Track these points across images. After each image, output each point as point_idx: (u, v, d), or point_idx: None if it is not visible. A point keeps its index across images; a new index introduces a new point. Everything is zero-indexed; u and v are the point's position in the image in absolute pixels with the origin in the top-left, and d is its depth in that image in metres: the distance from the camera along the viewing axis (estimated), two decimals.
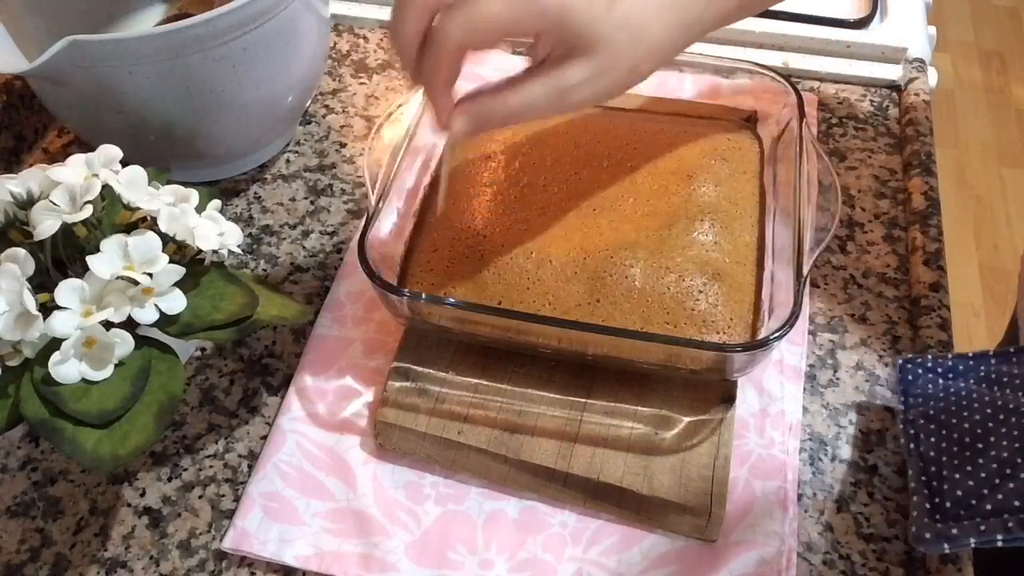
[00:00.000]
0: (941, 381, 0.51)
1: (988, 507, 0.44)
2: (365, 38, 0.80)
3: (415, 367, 0.54)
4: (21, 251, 0.44)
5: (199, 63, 0.56)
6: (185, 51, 0.55)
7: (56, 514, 0.51)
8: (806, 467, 0.52)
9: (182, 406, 0.56)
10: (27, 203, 0.46)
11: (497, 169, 0.57)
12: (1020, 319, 0.68)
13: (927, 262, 0.60)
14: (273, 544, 0.49)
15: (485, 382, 0.53)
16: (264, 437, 0.54)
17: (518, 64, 0.69)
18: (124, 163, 0.49)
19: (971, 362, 0.51)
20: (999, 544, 0.44)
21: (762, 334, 0.50)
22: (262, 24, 0.57)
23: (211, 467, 0.53)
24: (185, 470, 0.53)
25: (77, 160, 0.48)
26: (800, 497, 0.51)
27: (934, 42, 0.80)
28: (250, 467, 0.53)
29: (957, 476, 0.46)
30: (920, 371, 0.52)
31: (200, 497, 0.52)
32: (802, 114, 0.56)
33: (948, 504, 0.46)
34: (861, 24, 0.76)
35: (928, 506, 0.47)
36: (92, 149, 0.49)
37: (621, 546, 0.49)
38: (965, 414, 0.48)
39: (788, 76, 0.59)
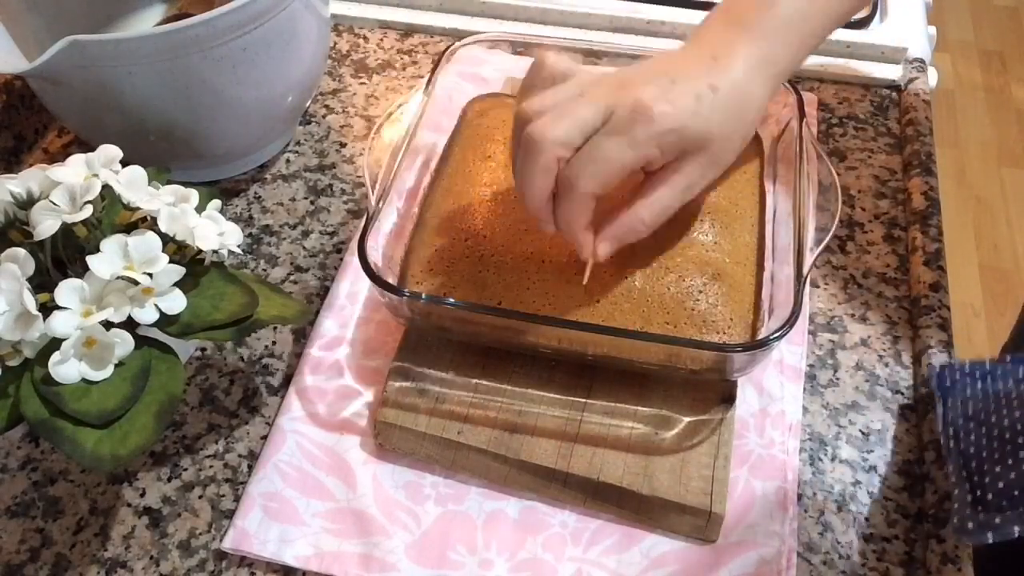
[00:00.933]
0: (980, 384, 0.52)
1: None
2: (365, 38, 0.80)
3: (415, 367, 0.54)
4: (21, 251, 0.44)
5: (199, 63, 0.56)
6: (185, 51, 0.55)
7: (56, 514, 0.51)
8: (806, 467, 0.52)
9: (182, 406, 0.56)
10: (27, 203, 0.46)
11: (497, 169, 0.57)
12: None
13: (927, 262, 0.60)
14: (273, 544, 0.49)
15: (485, 382, 0.53)
16: (264, 437, 0.54)
17: (518, 63, 0.69)
18: (124, 163, 0.49)
19: (1010, 365, 0.51)
20: None
21: (762, 334, 0.50)
22: (262, 24, 0.57)
23: (211, 467, 0.53)
24: (185, 470, 0.53)
25: (77, 160, 0.48)
26: (800, 497, 0.51)
27: (934, 42, 0.80)
28: (250, 467, 0.53)
29: (998, 470, 0.47)
30: (958, 375, 0.53)
31: (200, 497, 0.52)
32: (802, 114, 0.56)
33: (990, 496, 0.46)
34: (861, 24, 0.76)
35: (970, 499, 0.47)
36: (92, 149, 0.49)
37: (621, 546, 0.49)
38: (1005, 412, 0.49)
39: None
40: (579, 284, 0.51)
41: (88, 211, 0.45)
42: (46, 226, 0.44)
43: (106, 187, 0.47)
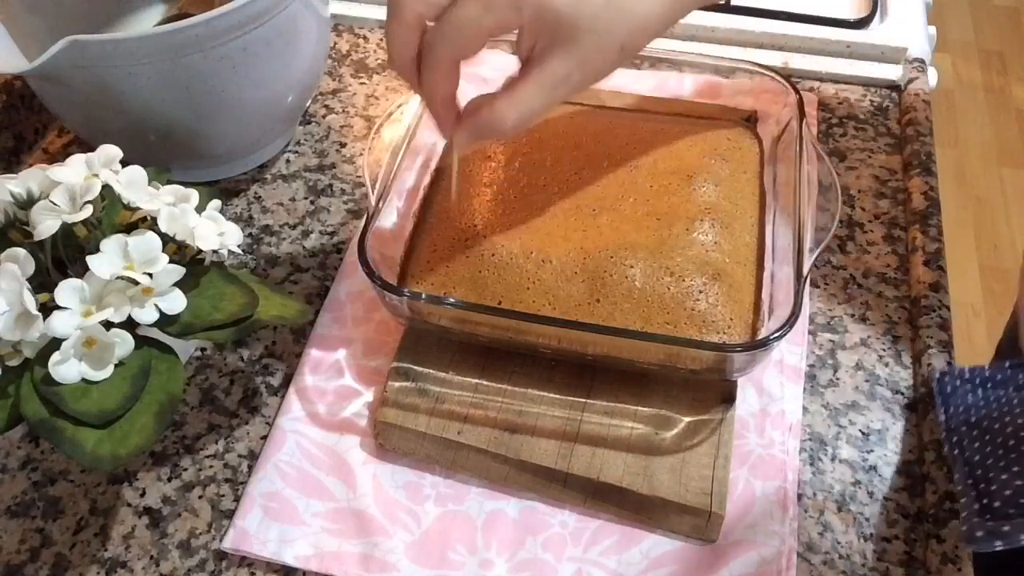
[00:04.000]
0: (980, 391, 0.52)
1: None
2: (365, 38, 0.80)
3: (415, 367, 0.54)
4: (21, 251, 0.44)
5: (199, 63, 0.56)
6: (185, 51, 0.55)
7: (56, 514, 0.51)
8: (806, 467, 0.52)
9: (182, 406, 0.56)
10: (27, 203, 0.46)
11: (497, 169, 0.57)
12: (1021, 313, 0.68)
13: (927, 262, 0.60)
14: (273, 544, 0.49)
15: (485, 382, 0.53)
16: (264, 437, 0.54)
17: (518, 63, 0.69)
18: (124, 163, 0.49)
19: (1009, 371, 0.52)
20: None
21: (762, 334, 0.50)
22: (262, 24, 0.57)
23: (211, 467, 0.53)
24: (185, 470, 0.53)
25: (77, 160, 0.48)
26: (800, 497, 0.51)
27: (934, 42, 0.80)
28: (250, 467, 0.53)
29: (1004, 477, 0.47)
30: (958, 382, 0.53)
31: (200, 497, 0.52)
32: (802, 114, 0.56)
33: (998, 504, 0.46)
34: (861, 24, 0.76)
35: (977, 506, 0.47)
36: (92, 149, 0.49)
37: (621, 546, 0.49)
38: (1008, 419, 0.49)
39: (788, 76, 0.59)
40: (579, 284, 0.51)
41: (88, 211, 0.45)
42: (46, 226, 0.44)
43: (106, 187, 0.47)
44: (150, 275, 0.44)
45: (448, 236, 0.54)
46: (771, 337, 0.46)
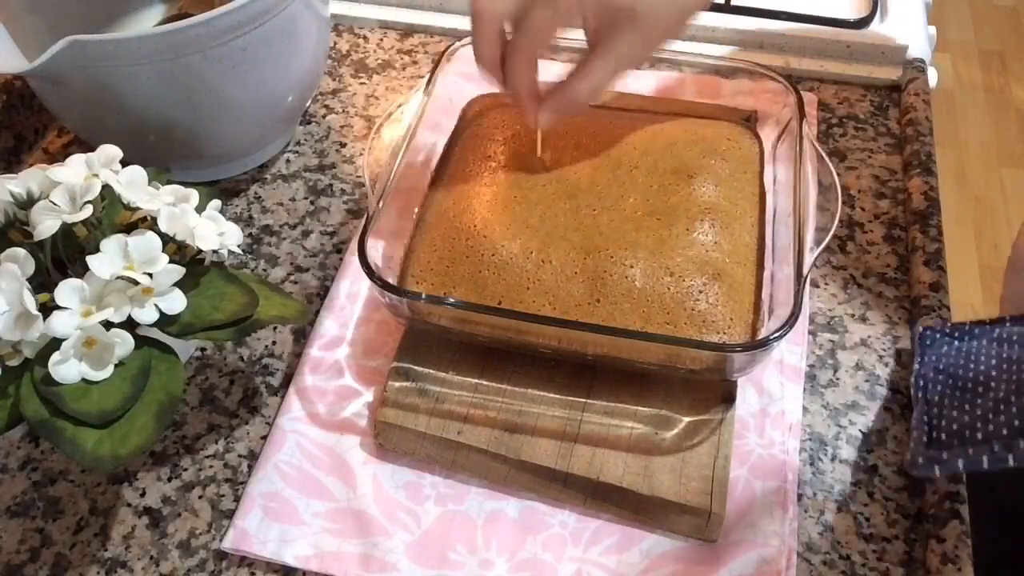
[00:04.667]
0: (956, 343, 0.53)
1: (979, 436, 0.47)
2: (365, 38, 0.80)
3: (415, 367, 0.54)
4: (21, 251, 0.44)
5: (199, 63, 0.56)
6: (185, 51, 0.55)
7: (56, 514, 0.51)
8: (806, 467, 0.52)
9: (182, 406, 0.56)
10: (27, 203, 0.46)
11: (497, 170, 0.57)
12: (1005, 302, 0.69)
13: (927, 262, 0.60)
14: (273, 544, 0.49)
15: (485, 382, 0.53)
16: (264, 437, 0.54)
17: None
18: (124, 163, 0.49)
19: (988, 326, 0.53)
20: (984, 466, 0.47)
21: (762, 334, 0.50)
22: (262, 24, 0.57)
23: (211, 467, 0.53)
24: (185, 470, 0.53)
25: (77, 160, 0.48)
26: (800, 497, 0.51)
27: (934, 42, 0.80)
28: (250, 467, 0.53)
29: (955, 414, 0.49)
30: (938, 336, 0.54)
31: (200, 497, 0.52)
32: (802, 114, 0.56)
33: (943, 436, 0.49)
34: (861, 24, 0.76)
35: (925, 440, 0.49)
36: (92, 149, 0.49)
37: (621, 546, 0.49)
38: (972, 366, 0.51)
39: (788, 76, 0.59)
40: (579, 284, 0.51)
41: (88, 211, 0.45)
42: (46, 226, 0.44)
43: (106, 187, 0.47)
44: (150, 275, 0.44)
45: (448, 236, 0.54)
46: (771, 337, 0.46)
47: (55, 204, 0.45)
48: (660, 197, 0.55)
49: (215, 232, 0.49)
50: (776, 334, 0.46)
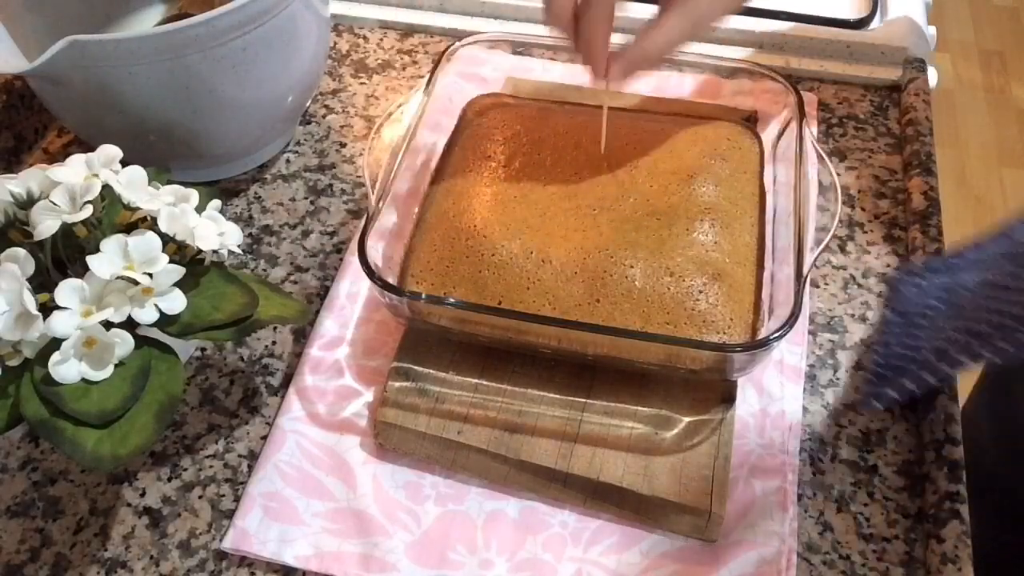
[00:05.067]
0: (923, 282, 0.54)
1: (913, 366, 0.49)
2: (365, 38, 0.80)
3: (415, 367, 0.54)
4: (21, 251, 0.44)
5: (199, 63, 0.56)
6: (185, 51, 0.55)
7: (56, 514, 0.51)
8: (806, 467, 0.52)
9: (182, 406, 0.56)
10: (27, 203, 0.46)
11: (497, 169, 0.57)
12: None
13: None
14: (273, 544, 0.49)
15: (485, 382, 0.53)
16: (264, 437, 0.54)
17: (518, 63, 0.70)
18: (124, 163, 0.49)
19: (958, 260, 0.54)
20: (917, 393, 0.50)
21: (762, 334, 0.50)
22: (262, 24, 0.57)
23: (211, 467, 0.53)
24: (185, 470, 0.53)
25: (77, 160, 0.48)
26: (800, 497, 0.51)
27: (934, 42, 0.80)
28: (250, 467, 0.53)
29: (898, 349, 0.52)
30: (906, 275, 0.56)
31: (200, 497, 0.52)
32: (802, 114, 0.56)
33: (887, 372, 0.52)
34: (861, 24, 0.76)
35: (872, 378, 0.52)
36: (92, 149, 0.49)
37: (621, 546, 0.49)
38: (928, 300, 0.53)
39: (788, 76, 0.59)
40: (579, 284, 0.51)
41: (88, 211, 0.45)
42: (46, 226, 0.44)
43: (106, 187, 0.47)
44: (150, 275, 0.44)
45: (448, 236, 0.54)
46: (771, 337, 0.46)
47: (55, 204, 0.45)
48: (660, 197, 0.55)
49: (215, 232, 0.49)
50: (776, 334, 0.46)
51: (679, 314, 0.50)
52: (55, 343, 0.43)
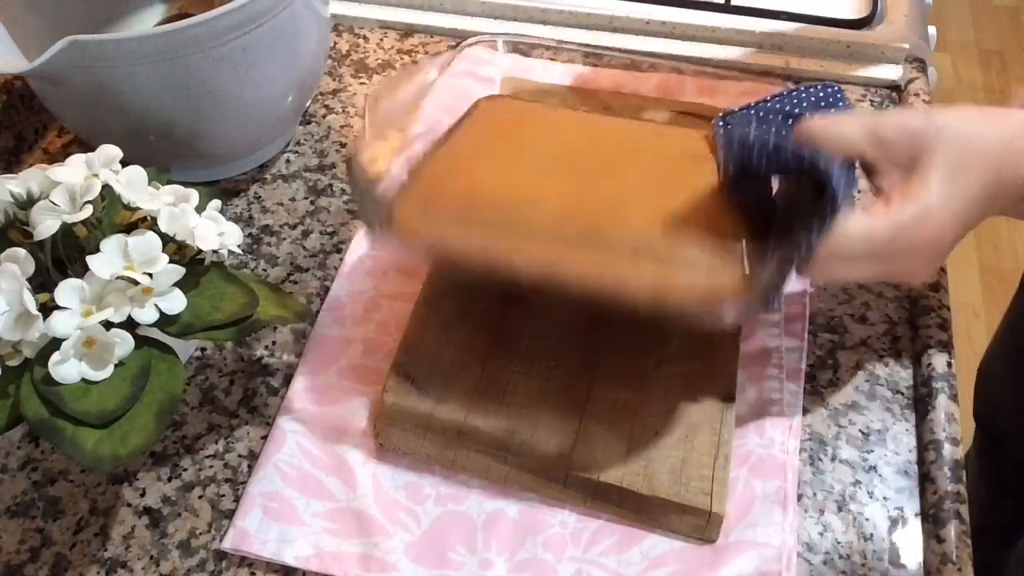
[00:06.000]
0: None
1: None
2: (365, 38, 0.81)
3: (415, 367, 0.54)
4: (21, 251, 0.44)
5: (199, 63, 0.56)
6: (185, 51, 0.55)
7: (56, 514, 0.51)
8: (806, 467, 0.52)
9: (182, 406, 0.56)
10: (27, 203, 0.46)
11: (499, 137, 0.56)
12: None
13: None
14: (273, 544, 0.49)
15: (485, 382, 0.53)
16: (264, 437, 0.54)
17: (517, 63, 0.69)
18: (124, 163, 0.49)
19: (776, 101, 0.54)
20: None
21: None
22: (262, 24, 0.57)
23: (211, 467, 0.53)
24: (185, 470, 0.53)
25: (77, 160, 0.48)
26: (800, 497, 0.51)
27: (934, 42, 0.80)
28: (250, 467, 0.53)
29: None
30: (733, 123, 0.55)
31: (200, 497, 0.52)
32: None
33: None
34: (861, 24, 0.76)
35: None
36: (92, 149, 0.49)
37: (621, 546, 0.49)
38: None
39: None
40: (572, 227, 0.49)
41: (88, 211, 0.45)
42: (46, 226, 0.44)
43: (106, 187, 0.47)
44: (150, 275, 0.44)
45: (440, 179, 0.53)
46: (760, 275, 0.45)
47: (55, 204, 0.45)
48: (665, 172, 0.54)
49: (215, 232, 0.49)
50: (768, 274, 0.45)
51: (670, 258, 0.48)
52: (55, 343, 0.43)
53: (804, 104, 0.53)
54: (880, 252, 0.45)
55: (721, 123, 0.55)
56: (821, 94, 0.53)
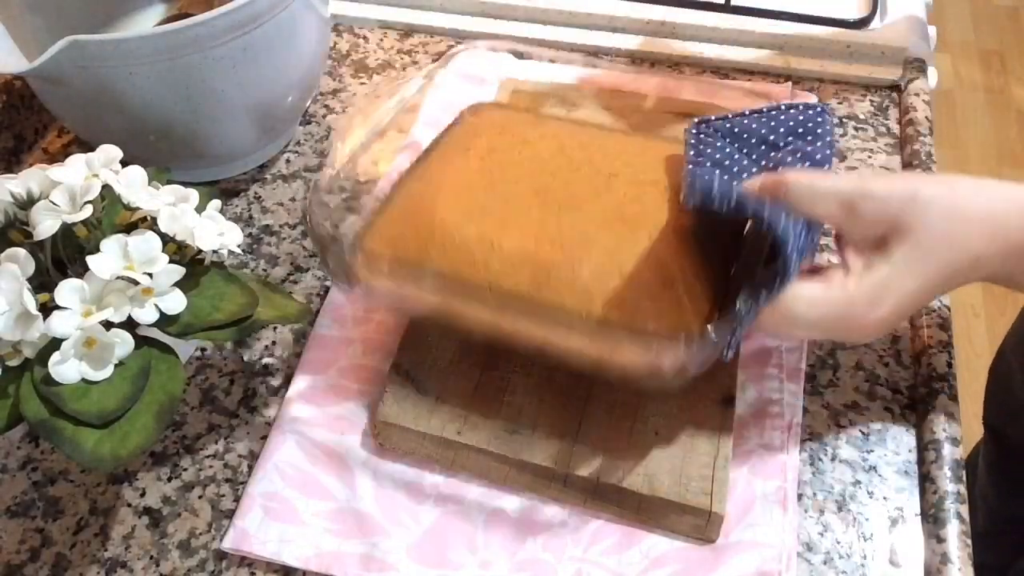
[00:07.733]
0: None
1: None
2: (365, 38, 0.81)
3: (415, 367, 0.54)
4: (21, 251, 0.44)
5: (199, 63, 0.56)
6: (185, 51, 0.55)
7: (56, 514, 0.51)
8: (806, 467, 0.52)
9: (182, 406, 0.56)
10: (27, 203, 0.46)
11: (473, 159, 0.55)
12: None
13: None
14: (273, 544, 0.49)
15: (485, 382, 0.53)
16: (264, 437, 0.54)
17: (517, 64, 0.69)
18: (124, 163, 0.49)
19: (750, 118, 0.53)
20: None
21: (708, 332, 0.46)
22: (262, 24, 0.57)
23: (211, 467, 0.53)
24: (185, 470, 0.53)
25: (77, 160, 0.48)
26: (800, 497, 0.51)
27: (934, 42, 0.80)
28: (250, 467, 0.53)
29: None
30: (710, 129, 0.54)
31: (200, 497, 0.52)
32: None
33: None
34: (861, 24, 0.76)
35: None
36: (92, 149, 0.49)
37: (621, 546, 0.49)
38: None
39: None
40: (525, 272, 0.49)
41: (88, 211, 0.45)
42: (46, 226, 0.44)
43: (106, 187, 0.47)
44: (150, 275, 0.44)
45: (407, 212, 0.52)
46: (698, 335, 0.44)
47: (55, 204, 0.45)
48: (632, 205, 0.52)
49: (215, 232, 0.49)
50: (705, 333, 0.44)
51: (620, 315, 0.47)
52: (55, 343, 0.43)
53: (782, 129, 0.51)
54: (828, 324, 0.45)
55: (694, 130, 0.54)
56: (801, 117, 0.51)
